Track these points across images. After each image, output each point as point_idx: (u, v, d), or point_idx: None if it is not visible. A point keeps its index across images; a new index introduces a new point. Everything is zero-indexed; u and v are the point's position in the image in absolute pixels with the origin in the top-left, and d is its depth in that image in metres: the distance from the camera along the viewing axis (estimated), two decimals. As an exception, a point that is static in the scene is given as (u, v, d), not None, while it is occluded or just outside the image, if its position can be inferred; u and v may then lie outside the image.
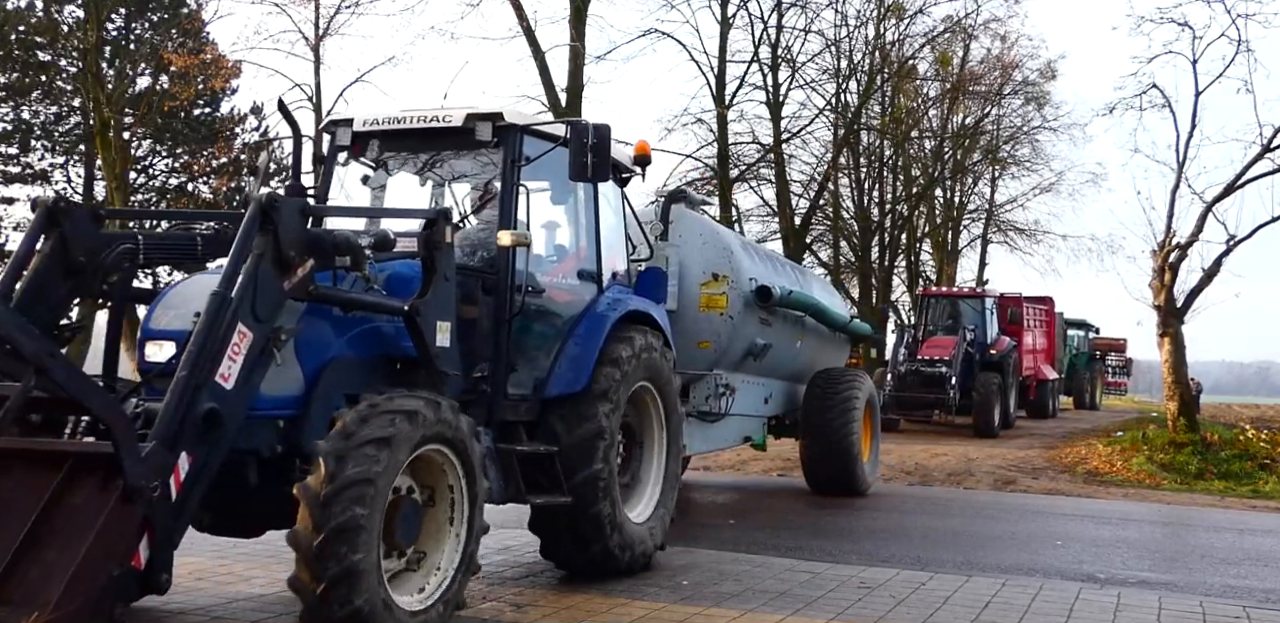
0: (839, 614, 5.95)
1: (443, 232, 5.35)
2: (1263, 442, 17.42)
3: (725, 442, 10.32)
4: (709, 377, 9.24)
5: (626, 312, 6.78)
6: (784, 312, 10.39)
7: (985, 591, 6.77)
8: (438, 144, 6.62)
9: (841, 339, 12.81)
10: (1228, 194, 17.76)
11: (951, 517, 10.76)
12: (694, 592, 6.39)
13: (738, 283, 9.29)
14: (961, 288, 29.75)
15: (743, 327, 9.47)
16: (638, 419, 7.18)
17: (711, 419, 9.40)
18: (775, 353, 10.34)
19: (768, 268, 10.33)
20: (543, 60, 20.80)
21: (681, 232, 9.17)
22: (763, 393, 10.81)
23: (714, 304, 9.11)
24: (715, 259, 9.25)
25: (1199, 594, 7.11)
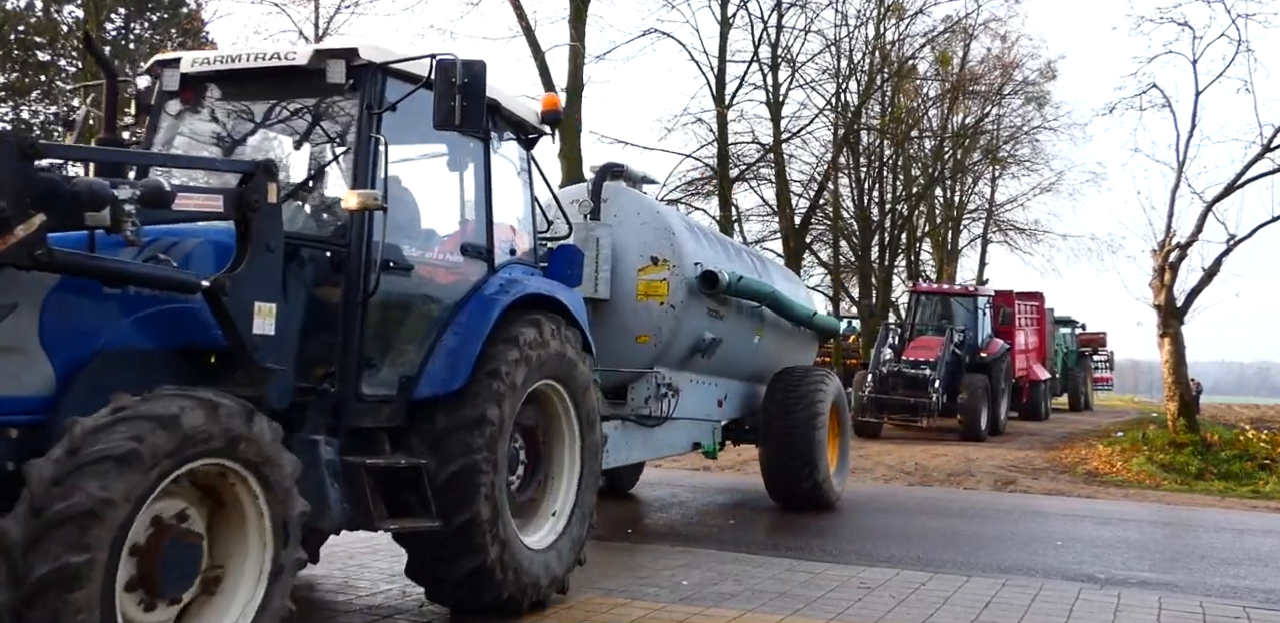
0: (839, 614, 5.95)
1: (263, 189, 4.36)
2: (1263, 442, 17.43)
3: (669, 448, 9.12)
4: (649, 375, 8.27)
5: (524, 296, 5.66)
6: (738, 303, 9.38)
7: (985, 591, 6.77)
8: (285, 89, 5.42)
9: (808, 335, 11.75)
10: (1228, 194, 17.78)
11: (951, 517, 10.76)
12: (694, 592, 6.39)
13: (680, 268, 8.27)
14: (954, 286, 28.40)
15: (687, 318, 8.46)
16: (544, 424, 6.07)
17: (652, 423, 8.35)
18: (729, 349, 9.29)
19: (718, 253, 9.26)
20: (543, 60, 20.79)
21: (617, 211, 8.27)
22: (715, 394, 9.72)
23: (653, 292, 8.16)
24: (655, 242, 8.28)
25: (1199, 594, 7.11)
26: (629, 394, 8.23)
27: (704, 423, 9.57)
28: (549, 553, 5.76)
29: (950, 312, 23.23)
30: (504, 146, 6.11)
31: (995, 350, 22.52)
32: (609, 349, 7.79)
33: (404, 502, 5.05)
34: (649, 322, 8.25)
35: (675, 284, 8.26)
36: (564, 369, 5.92)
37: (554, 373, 5.85)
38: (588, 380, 6.20)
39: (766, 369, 10.41)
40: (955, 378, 20.64)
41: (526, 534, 5.69)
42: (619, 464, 7.96)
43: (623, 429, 7.89)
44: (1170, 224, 17.85)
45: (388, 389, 5.20)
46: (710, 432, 9.77)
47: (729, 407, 10.07)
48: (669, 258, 8.26)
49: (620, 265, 8.17)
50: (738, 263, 9.65)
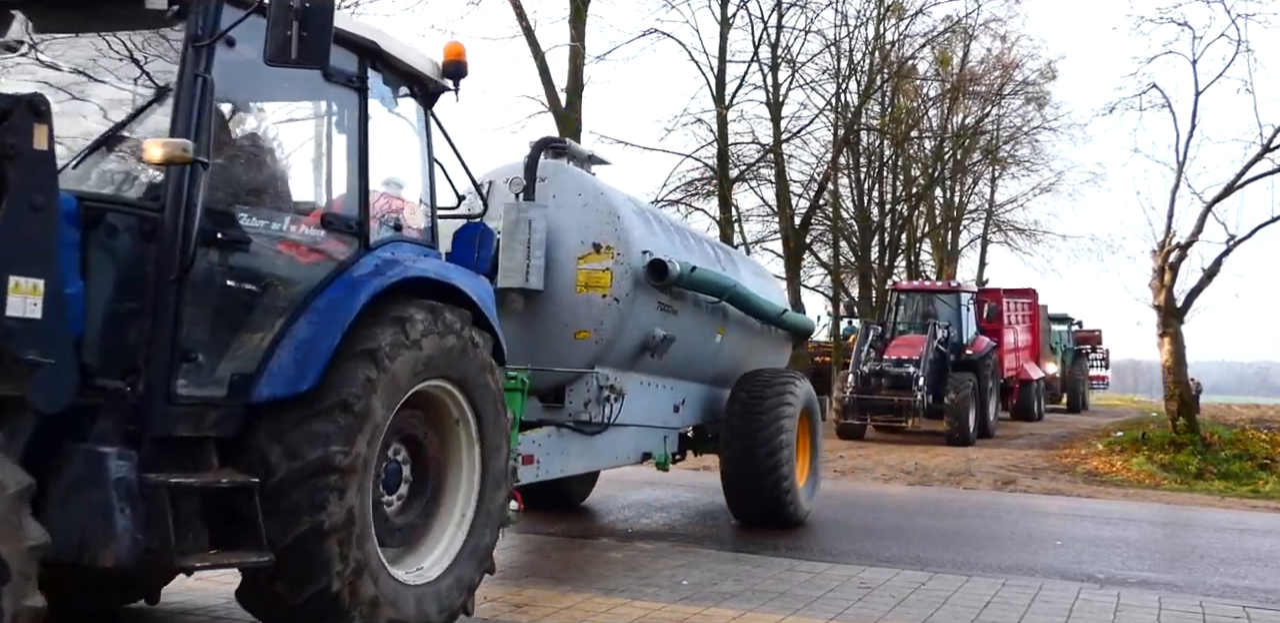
0: (839, 614, 5.95)
1: (26, 130, 3.49)
2: (1263, 442, 17.44)
3: (612, 458, 8.04)
4: (588, 376, 7.34)
5: (405, 279, 4.69)
6: (695, 298, 8.43)
7: (985, 591, 6.78)
8: (100, 20, 4.50)
9: (780, 336, 10.77)
10: (1228, 194, 17.78)
11: (951, 517, 10.76)
12: (694, 592, 6.39)
13: (625, 256, 7.34)
14: (935, 282, 27.47)
15: (634, 313, 7.48)
16: (435, 433, 5.06)
17: (592, 430, 7.42)
18: (685, 348, 8.37)
19: (673, 241, 8.31)
20: (543, 60, 20.77)
21: (556, 190, 7.41)
22: (670, 399, 8.72)
23: (594, 283, 7.27)
24: (597, 226, 7.38)
25: (1199, 594, 7.11)
26: (566, 398, 7.34)
27: (655, 431, 8.53)
28: (425, 590, 4.69)
29: (933, 309, 22.32)
30: (399, 105, 5.27)
31: (981, 348, 21.58)
32: (544, 346, 7.19)
33: (228, 531, 4.05)
34: (589, 316, 7.33)
35: (619, 274, 7.32)
36: (463, 370, 4.91)
37: (449, 373, 4.85)
38: (486, 375, 5.11)
39: (731, 372, 9.40)
40: (940, 377, 19.77)
41: (400, 564, 4.74)
42: (552, 477, 7.15)
43: (558, 437, 7.08)
44: (1170, 224, 17.87)
45: (215, 390, 4.18)
46: (663, 440, 8.72)
47: (688, 413, 9.08)
48: (613, 244, 7.34)
49: (558, 252, 7.28)
50: (697, 253, 8.69)
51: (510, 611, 5.74)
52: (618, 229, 7.43)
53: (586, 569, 7.05)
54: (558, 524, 9.05)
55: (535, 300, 7.22)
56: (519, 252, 7.02)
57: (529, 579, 6.66)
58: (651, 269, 7.52)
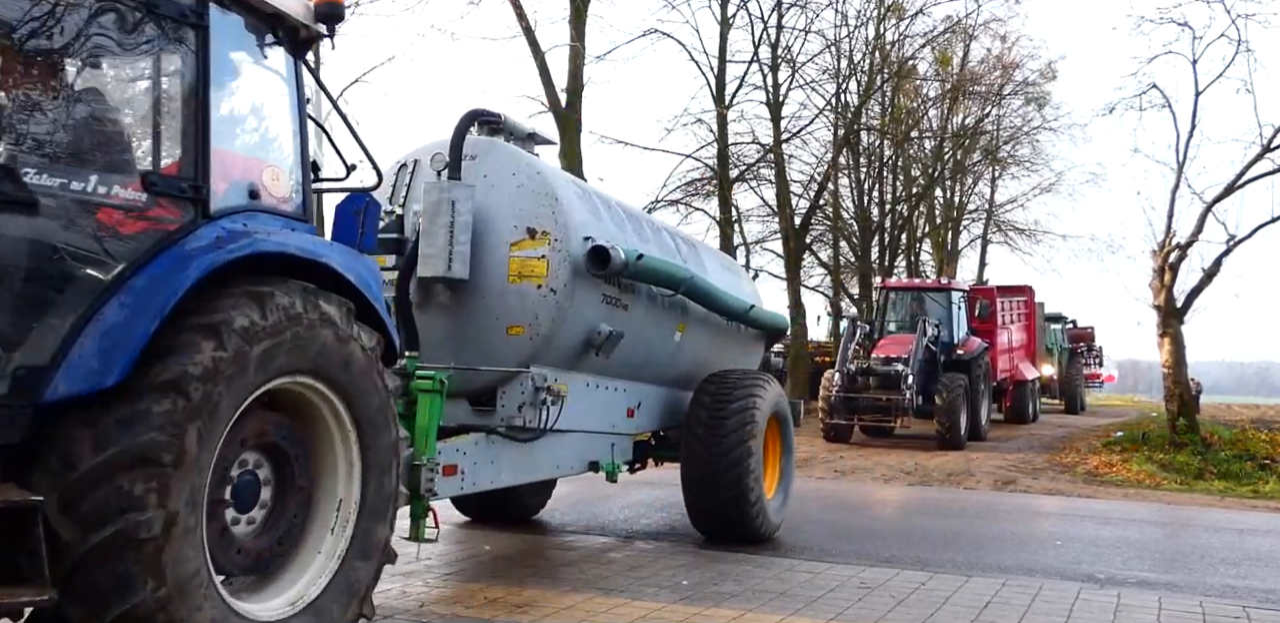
0: (839, 614, 5.95)
1: None
2: (1263, 442, 17.45)
3: (552, 468, 7.11)
4: (523, 376, 6.50)
5: (255, 254, 3.88)
6: (649, 291, 7.62)
7: (985, 591, 6.78)
8: None
9: (750, 335, 9.87)
10: (1228, 194, 17.79)
11: (951, 517, 10.76)
12: (694, 592, 6.40)
13: (564, 243, 6.52)
14: (925, 280, 26.77)
15: (574, 306, 6.67)
16: (307, 445, 4.28)
17: (527, 437, 6.54)
18: (638, 347, 7.60)
19: (623, 228, 7.47)
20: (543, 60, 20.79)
21: (488, 169, 6.64)
22: (623, 402, 7.86)
23: (529, 272, 6.49)
24: (533, 209, 6.55)
25: (1199, 594, 7.11)
26: (498, 400, 6.53)
27: (603, 437, 7.67)
28: (309, 617, 4.11)
29: (923, 308, 21.55)
30: (266, 55, 4.53)
31: (973, 349, 20.77)
32: (471, 343, 6.45)
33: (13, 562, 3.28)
34: (523, 309, 6.47)
35: (557, 262, 6.49)
36: (339, 369, 4.20)
37: (323, 371, 4.13)
38: (379, 394, 4.42)
39: (695, 373, 8.60)
40: (930, 377, 19.01)
41: (249, 596, 4.04)
42: (480, 489, 6.35)
43: (486, 445, 6.24)
44: (1170, 224, 17.88)
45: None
46: (610, 448, 7.78)
47: (644, 418, 8.21)
48: (550, 229, 6.52)
49: (488, 237, 6.51)
50: (653, 243, 7.91)
51: (510, 611, 5.75)
52: (555, 212, 6.56)
53: (586, 569, 7.05)
54: (557, 524, 9.06)
55: (462, 291, 6.44)
56: (440, 236, 6.23)
57: (529, 579, 6.66)
58: (592, 257, 6.67)
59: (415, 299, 6.41)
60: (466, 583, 6.44)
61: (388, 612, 5.58)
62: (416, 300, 6.42)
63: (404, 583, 6.33)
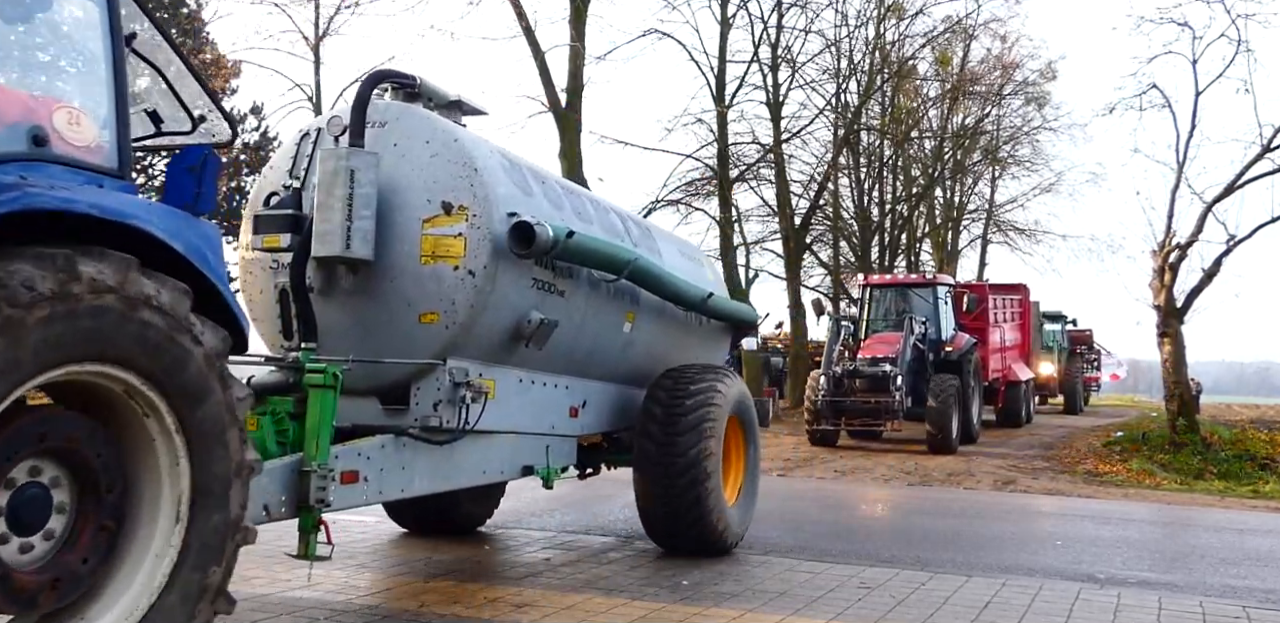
0: (839, 614, 5.95)
1: None
2: (1263, 442, 17.46)
3: (476, 474, 6.24)
4: (438, 371, 5.73)
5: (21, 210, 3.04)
6: (590, 276, 6.82)
7: (985, 591, 6.78)
8: None
9: (715, 327, 8.98)
10: (1228, 194, 17.82)
11: (951, 517, 10.76)
12: (694, 592, 6.39)
13: (484, 219, 5.74)
14: (908, 275, 25.64)
15: (498, 290, 5.85)
16: (119, 457, 3.46)
17: (444, 439, 5.76)
18: (580, 338, 6.88)
19: (559, 205, 6.67)
20: (543, 60, 20.81)
21: (399, 137, 5.86)
22: (565, 400, 7.07)
23: (444, 252, 5.75)
24: (449, 181, 5.77)
25: (1199, 594, 7.11)
26: (412, 398, 5.77)
27: (540, 439, 6.86)
28: None
29: (909, 305, 20.59)
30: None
31: (961, 345, 19.73)
32: (379, 332, 5.75)
33: None
34: (437, 293, 5.72)
35: (476, 241, 5.72)
36: (165, 363, 3.40)
37: (141, 364, 3.34)
38: (216, 397, 3.59)
39: (649, 368, 7.85)
40: (920, 378, 18.33)
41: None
42: (389, 498, 5.66)
43: (395, 448, 5.47)
44: (1170, 224, 17.91)
45: None
46: (545, 451, 6.92)
47: (591, 417, 7.42)
48: (468, 204, 5.75)
49: (398, 214, 5.76)
50: (596, 223, 7.13)
51: (511, 610, 5.75)
52: (475, 185, 5.77)
53: (586, 569, 7.05)
54: (556, 524, 9.05)
55: (367, 275, 5.70)
56: (337, 211, 5.47)
57: (529, 579, 6.66)
58: (515, 235, 5.83)
59: (316, 284, 5.68)
60: (466, 583, 6.44)
61: (388, 612, 5.59)
62: (317, 285, 5.68)
63: (404, 583, 6.33)
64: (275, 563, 6.50)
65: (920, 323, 18.98)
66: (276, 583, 6.15)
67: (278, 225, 5.60)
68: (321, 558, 4.83)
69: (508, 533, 8.44)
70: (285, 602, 5.69)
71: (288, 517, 4.68)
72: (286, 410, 4.90)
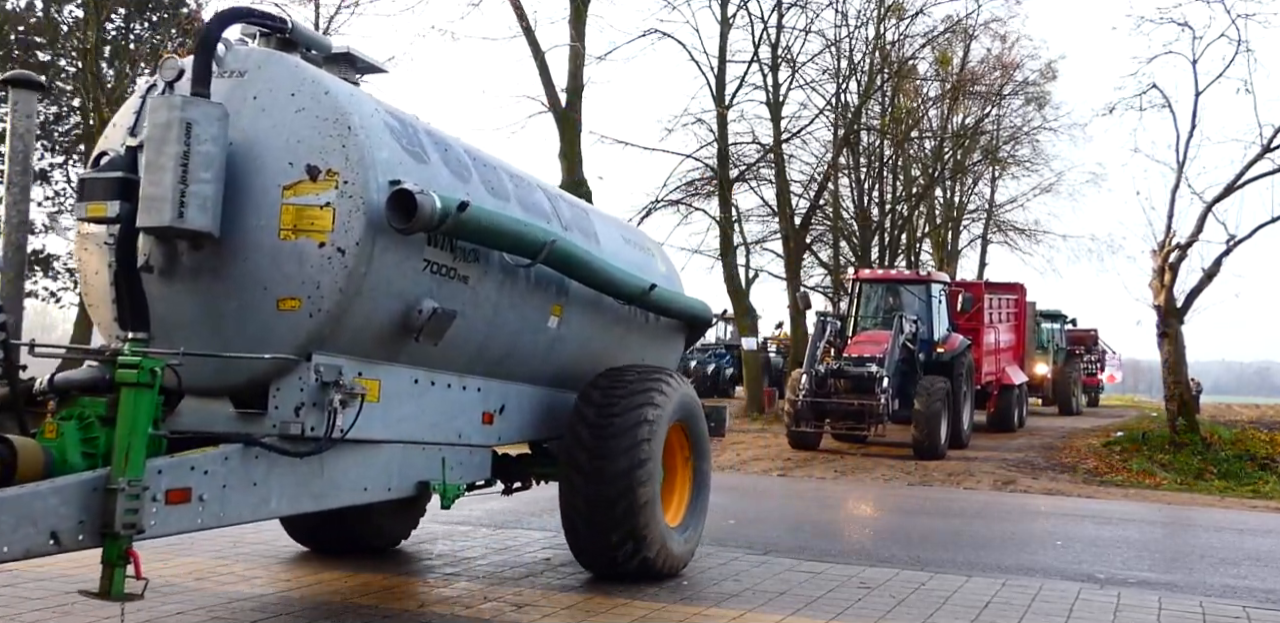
0: (839, 614, 5.95)
1: None
2: (1263, 442, 17.46)
3: (354, 492, 5.20)
4: (301, 369, 4.77)
5: None
6: (502, 260, 5.78)
7: (985, 591, 6.78)
8: None
9: (666, 325, 7.94)
10: (1228, 194, 17.82)
11: (951, 517, 10.76)
12: (694, 592, 6.40)
13: (359, 187, 4.77)
14: (901, 271, 24.22)
15: (377, 273, 4.91)
16: None
17: (306, 450, 4.76)
18: (494, 332, 5.88)
19: (461, 176, 5.61)
20: (543, 60, 20.80)
21: (260, 88, 4.89)
22: (477, 404, 6.06)
23: (307, 225, 4.76)
24: (316, 140, 4.81)
25: (1199, 594, 7.12)
26: (270, 401, 4.80)
27: (433, 450, 5.73)
28: None
29: (900, 302, 19.48)
30: None
31: (955, 346, 18.63)
32: (229, 322, 4.80)
33: None
34: (299, 275, 4.76)
35: (347, 212, 4.75)
36: None
37: None
38: None
39: (584, 370, 6.92)
40: (908, 379, 17.24)
41: None
42: (232, 523, 4.62)
43: (244, 460, 4.54)
44: (1170, 224, 17.91)
45: None
46: (441, 463, 5.78)
47: (510, 425, 6.42)
48: (338, 168, 4.79)
49: (253, 178, 4.84)
50: (514, 199, 6.08)
51: (511, 610, 5.75)
52: (348, 145, 4.80)
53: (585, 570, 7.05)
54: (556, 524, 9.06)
55: (214, 251, 4.75)
56: (168, 172, 4.50)
57: (529, 579, 6.65)
58: (392, 205, 4.84)
59: (156, 263, 4.76)
60: (466, 583, 6.44)
61: (387, 612, 5.59)
62: (157, 265, 4.76)
63: (404, 583, 6.33)
64: (275, 563, 6.50)
65: (911, 321, 17.96)
66: (276, 583, 6.15)
67: (104, 191, 4.62)
68: (131, 597, 3.93)
69: (507, 533, 8.44)
70: (285, 602, 5.70)
71: (86, 546, 3.85)
72: (98, 414, 4.12)
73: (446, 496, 5.78)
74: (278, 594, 5.87)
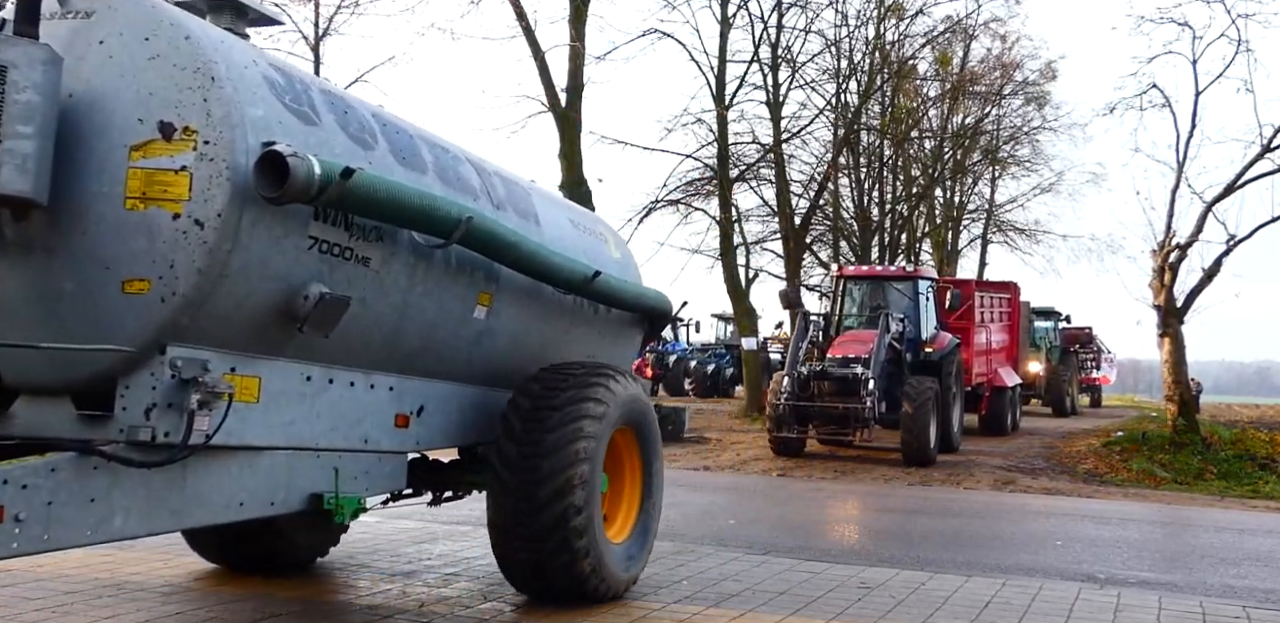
0: (839, 614, 5.95)
1: None
2: (1263, 442, 17.47)
3: (229, 508, 4.42)
4: (154, 364, 4.00)
5: None
6: (411, 240, 5.00)
7: (985, 591, 6.78)
8: None
9: (616, 319, 7.12)
10: (1228, 194, 17.83)
11: (951, 517, 10.76)
12: (694, 592, 6.40)
13: (223, 148, 4.00)
14: (887, 267, 23.13)
15: (245, 250, 4.12)
16: None
17: (156, 459, 3.97)
18: (406, 324, 5.15)
19: (364, 143, 4.82)
20: (543, 60, 20.80)
21: (108, 32, 4.11)
22: (389, 406, 5.28)
23: (158, 192, 3.98)
24: (171, 93, 4.01)
25: (1199, 594, 7.12)
26: (117, 401, 4.03)
27: (338, 458, 4.95)
28: None
29: (886, 299, 18.58)
30: None
31: (943, 345, 17.89)
32: (65, 306, 4.04)
33: None
34: (148, 252, 3.99)
35: (207, 178, 3.97)
36: None
37: None
38: None
39: (519, 367, 6.12)
40: (894, 380, 16.36)
41: None
42: (67, 545, 3.88)
43: (78, 472, 3.81)
44: (1170, 224, 17.92)
45: None
46: (334, 474, 4.91)
47: (432, 428, 5.65)
48: (198, 126, 3.99)
49: (95, 137, 4.06)
50: (430, 171, 5.28)
51: (511, 611, 5.75)
52: (211, 100, 4.01)
53: (586, 569, 7.05)
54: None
55: (45, 223, 4.00)
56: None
57: (529, 579, 6.65)
58: (261, 169, 4.04)
59: None
60: (466, 583, 6.44)
61: (388, 612, 5.59)
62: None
63: (404, 583, 6.33)
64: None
65: (898, 320, 17.06)
66: (276, 584, 6.15)
67: None
68: None
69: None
70: (285, 602, 5.69)
71: None
72: None
73: (343, 510, 4.88)
74: (278, 594, 5.87)
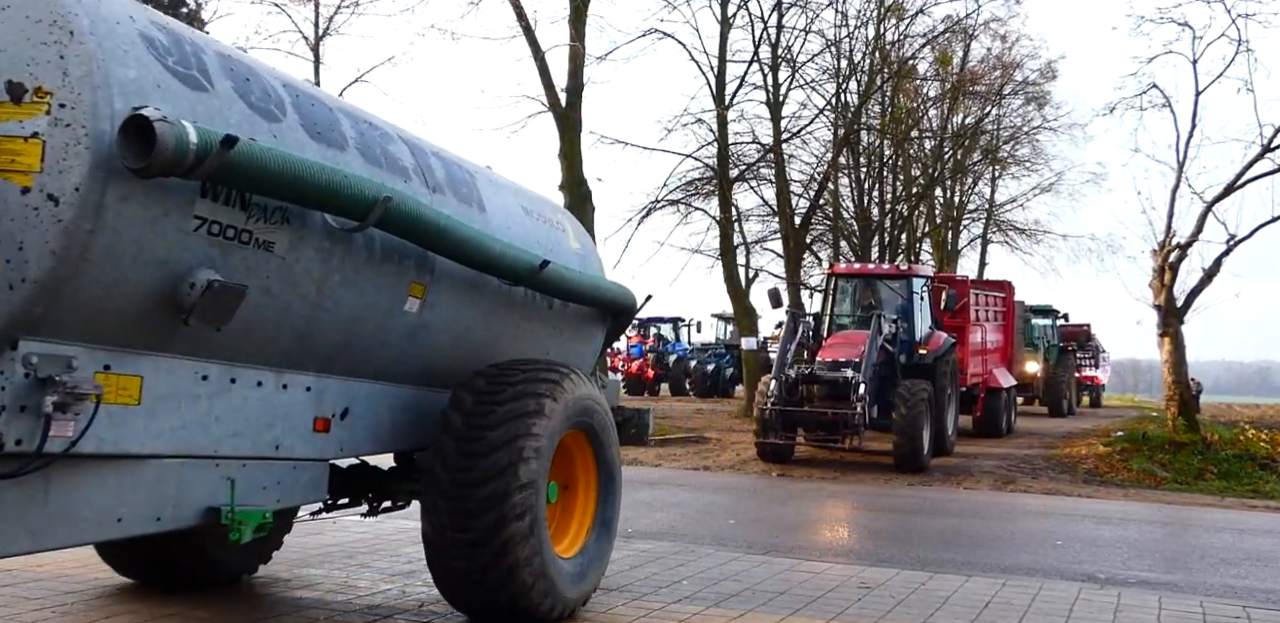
0: (839, 614, 5.95)
1: None
2: (1263, 442, 17.46)
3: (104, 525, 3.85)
4: (2, 360, 3.47)
5: None
6: (325, 223, 4.43)
7: (985, 591, 6.78)
8: None
9: (574, 314, 6.54)
10: (1228, 194, 17.82)
11: (951, 517, 10.76)
12: (694, 592, 6.40)
13: (84, 112, 3.45)
14: (879, 265, 22.41)
15: (113, 230, 3.56)
16: None
17: (6, 473, 3.45)
18: (321, 317, 4.58)
19: (259, 111, 4.21)
20: (543, 60, 20.80)
21: None
22: (308, 408, 4.76)
23: (6, 162, 3.46)
24: (23, 50, 3.48)
25: (1199, 594, 7.12)
26: None
27: (240, 466, 4.39)
28: None
29: (878, 298, 17.97)
30: None
31: (938, 346, 17.10)
32: None
33: None
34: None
35: (62, 146, 3.45)
36: None
37: None
38: None
39: (461, 365, 5.57)
40: (887, 383, 15.59)
41: None
42: None
43: None
44: (1170, 224, 17.90)
45: None
46: (229, 486, 4.32)
47: (358, 432, 5.11)
48: (53, 87, 3.47)
49: None
50: (351, 148, 4.71)
51: (510, 611, 5.74)
52: (69, 56, 3.49)
53: (586, 569, 7.04)
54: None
55: None
56: None
57: (529, 579, 6.65)
58: (125, 136, 3.49)
59: None
60: (466, 583, 6.44)
61: (388, 612, 5.59)
62: None
63: (404, 583, 6.33)
64: (274, 563, 6.50)
65: (890, 321, 16.35)
66: (277, 583, 6.15)
67: None
68: None
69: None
70: (285, 602, 5.70)
71: None
72: None
73: (242, 526, 4.30)
74: (278, 594, 5.87)
